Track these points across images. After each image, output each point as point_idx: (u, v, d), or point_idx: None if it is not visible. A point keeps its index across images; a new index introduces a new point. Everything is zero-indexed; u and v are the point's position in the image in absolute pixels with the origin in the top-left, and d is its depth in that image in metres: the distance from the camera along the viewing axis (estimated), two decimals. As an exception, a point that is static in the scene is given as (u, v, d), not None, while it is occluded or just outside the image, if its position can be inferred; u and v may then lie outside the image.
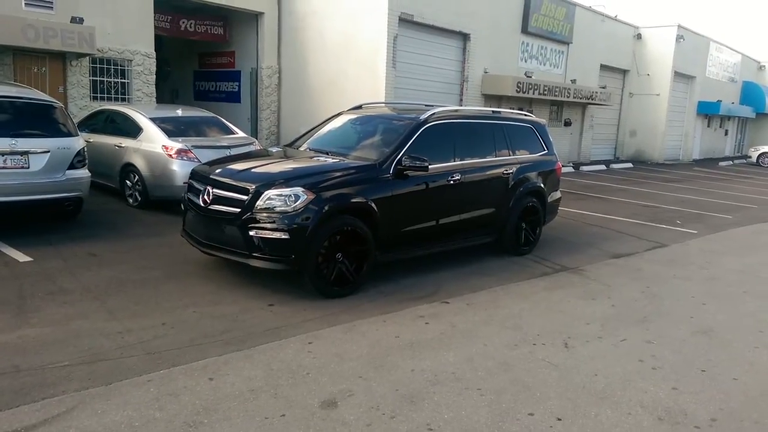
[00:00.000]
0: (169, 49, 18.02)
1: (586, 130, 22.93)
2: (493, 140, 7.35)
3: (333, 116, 7.54)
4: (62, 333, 4.50)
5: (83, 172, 7.36)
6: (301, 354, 4.34)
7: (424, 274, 6.58)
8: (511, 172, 7.39)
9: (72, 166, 7.21)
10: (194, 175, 6.12)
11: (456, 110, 7.32)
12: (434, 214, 6.52)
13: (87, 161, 7.45)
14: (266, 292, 5.68)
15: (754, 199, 15.84)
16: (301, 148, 6.89)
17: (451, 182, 6.59)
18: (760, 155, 29.42)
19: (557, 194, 8.42)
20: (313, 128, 7.43)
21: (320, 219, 5.36)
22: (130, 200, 9.00)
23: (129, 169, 8.91)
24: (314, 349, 4.44)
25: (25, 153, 6.79)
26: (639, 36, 25.00)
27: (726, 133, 33.95)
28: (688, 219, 11.56)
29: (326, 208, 5.41)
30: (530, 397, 3.87)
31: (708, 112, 29.13)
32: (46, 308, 4.97)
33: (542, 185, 7.88)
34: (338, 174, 5.75)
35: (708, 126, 30.99)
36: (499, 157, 7.35)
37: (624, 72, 25.13)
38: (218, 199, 5.62)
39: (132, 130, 9.05)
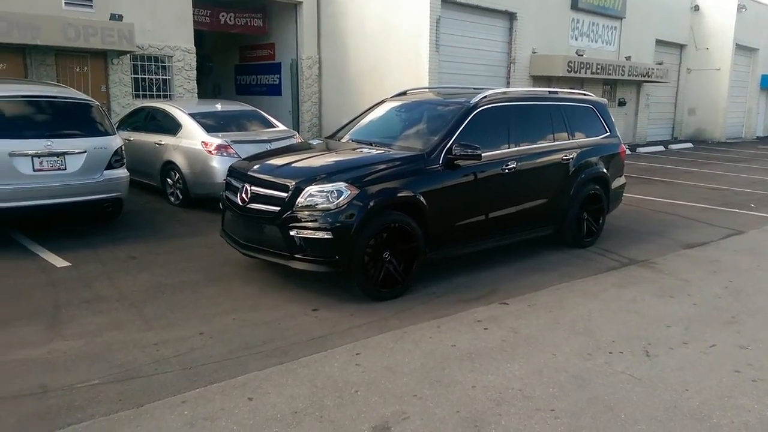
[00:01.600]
0: (209, 44, 17.91)
1: (641, 109, 21.77)
2: (551, 123, 6.75)
3: (376, 104, 7.08)
4: (95, 346, 4.22)
5: (122, 172, 7.14)
6: (349, 367, 3.93)
7: (478, 271, 6.08)
8: (572, 158, 6.78)
9: (110, 166, 6.98)
10: (232, 172, 5.77)
11: (509, 92, 6.75)
12: (488, 206, 6.00)
13: (125, 160, 7.23)
14: (310, 295, 5.30)
15: (833, 177, 14.59)
16: (343, 140, 6.47)
17: (506, 171, 6.05)
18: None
19: (621, 180, 7.74)
20: (356, 118, 6.99)
21: (365, 216, 4.93)
22: (172, 199, 8.79)
23: (169, 166, 8.69)
24: (362, 362, 4.02)
25: (62, 154, 6.59)
26: (696, 8, 23.54)
27: (792, 108, 31.82)
28: (763, 202, 10.63)
29: (371, 203, 4.97)
30: (614, 419, 3.34)
31: (773, 85, 27.31)
32: (81, 318, 4.71)
33: (605, 170, 7.23)
34: (383, 166, 5.29)
35: (773, 101, 29.10)
36: (557, 141, 6.74)
37: (681, 47, 23.74)
38: (257, 197, 5.25)
39: (171, 126, 8.82)
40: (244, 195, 5.34)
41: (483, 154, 5.60)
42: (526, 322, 4.79)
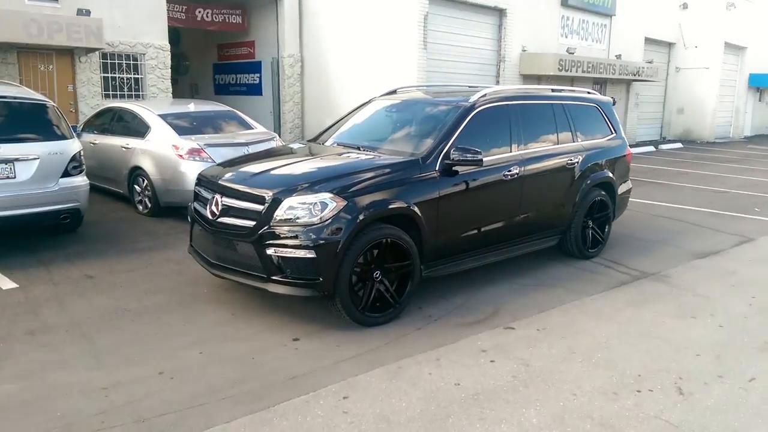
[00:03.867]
0: (186, 42, 17.13)
1: (631, 109, 21.35)
2: (555, 124, 6.17)
3: (363, 104, 6.44)
4: (33, 391, 3.55)
5: (80, 180, 6.43)
6: (335, 417, 3.30)
7: (476, 288, 5.48)
8: (577, 161, 6.21)
9: (66, 174, 6.28)
10: (200, 181, 5.11)
11: (509, 90, 6.16)
12: (490, 216, 5.41)
13: (84, 167, 6.52)
14: (290, 320, 4.66)
15: (830, 178, 14.23)
16: (328, 144, 5.83)
17: (509, 177, 5.45)
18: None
19: (627, 185, 7.20)
20: (341, 119, 6.35)
21: (353, 231, 4.30)
22: (140, 207, 8.08)
23: (137, 172, 7.98)
24: (351, 407, 3.39)
25: (11, 161, 5.89)
26: (685, 5, 23.20)
27: (778, 107, 31.74)
28: (767, 205, 10.17)
29: (360, 217, 4.34)
30: (659, 487, 2.76)
31: (761, 85, 27.12)
32: (21, 354, 4.03)
33: (612, 175, 6.67)
34: (373, 174, 4.66)
35: (759, 100, 28.94)
36: (561, 143, 6.17)
37: (670, 45, 23.41)
38: (228, 210, 4.60)
39: (139, 128, 8.12)
40: (214, 207, 4.68)
41: (484, 159, 5.00)
42: (537, 351, 4.19)
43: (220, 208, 4.62)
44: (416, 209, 4.70)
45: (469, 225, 5.22)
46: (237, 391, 3.58)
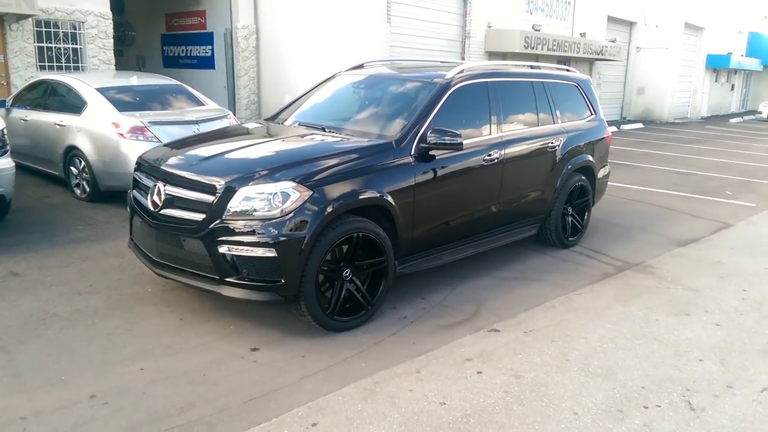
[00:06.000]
0: (131, 10, 15.98)
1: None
2: (535, 104, 5.71)
3: (326, 79, 5.82)
4: (-72, 428, 2.90)
5: (4, 163, 5.66)
6: (303, 452, 2.78)
7: (454, 283, 5.01)
8: (558, 144, 5.77)
9: (-13, 155, 5.49)
10: (140, 165, 4.43)
11: (486, 66, 5.65)
12: (469, 204, 4.92)
13: (8, 147, 5.74)
14: (248, 325, 4.10)
15: (789, 159, 14.36)
16: (288, 123, 5.21)
17: (489, 161, 4.97)
18: (771, 111, 27.94)
19: (606, 169, 6.82)
20: (302, 95, 5.71)
21: (320, 225, 3.74)
22: (77, 191, 7.28)
23: (73, 153, 7.16)
24: (322, 438, 2.87)
25: None
26: (646, -16, 23.11)
27: (732, 88, 32.37)
28: (737, 188, 10.05)
29: (328, 209, 3.78)
30: None
31: (717, 65, 27.49)
32: None
33: (592, 159, 6.28)
34: (340, 159, 4.09)
35: (715, 81, 29.37)
36: (543, 125, 5.71)
37: (631, 24, 23.31)
38: (173, 201, 3.96)
39: (75, 104, 7.28)
40: (156, 197, 4.03)
41: (463, 143, 4.49)
42: (527, 359, 3.75)
43: (163, 198, 3.98)
44: (390, 199, 4.16)
45: (447, 215, 4.72)
46: (185, 419, 3.01)
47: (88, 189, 7.09)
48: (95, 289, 4.65)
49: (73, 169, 7.24)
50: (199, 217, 3.80)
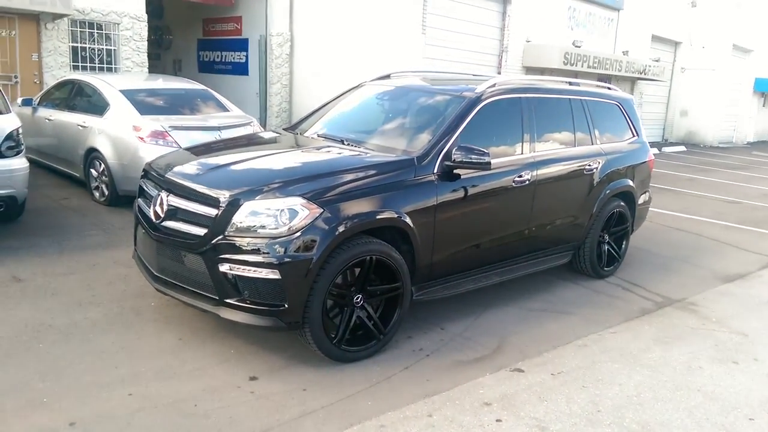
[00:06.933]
0: (170, 15, 16.06)
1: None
2: (572, 123, 5.32)
3: (351, 89, 5.54)
4: None
5: (17, 162, 5.51)
6: (290, 508, 2.45)
7: (476, 313, 4.64)
8: (596, 167, 5.37)
9: (0, 155, 5.35)
10: (147, 172, 4.20)
11: (521, 81, 5.30)
12: (495, 229, 4.56)
13: (23, 147, 5.60)
14: (249, 349, 3.80)
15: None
16: (307, 134, 4.92)
17: (520, 183, 4.60)
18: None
19: (648, 195, 6.36)
20: (324, 105, 5.43)
21: (330, 246, 3.43)
22: (96, 194, 7.13)
23: (93, 155, 7.03)
24: (314, 491, 2.54)
25: (-70, 137, 4.95)
26: (693, 4, 22.35)
27: (780, 113, 31.10)
28: (786, 220, 9.42)
29: (339, 229, 3.47)
30: None
31: (766, 90, 26.42)
32: None
33: (632, 183, 5.85)
34: (357, 174, 3.78)
35: (763, 106, 28.27)
36: (580, 146, 5.32)
37: (676, 44, 22.59)
38: (175, 213, 3.70)
39: (98, 105, 7.16)
40: (158, 207, 3.78)
41: (492, 162, 4.14)
42: (553, 407, 3.36)
43: (165, 209, 3.72)
44: (408, 220, 3.83)
45: (471, 239, 4.37)
46: (165, 459, 2.72)
47: (106, 192, 6.94)
48: (97, 300, 4.42)
49: (93, 171, 7.10)
50: (201, 231, 3.53)
